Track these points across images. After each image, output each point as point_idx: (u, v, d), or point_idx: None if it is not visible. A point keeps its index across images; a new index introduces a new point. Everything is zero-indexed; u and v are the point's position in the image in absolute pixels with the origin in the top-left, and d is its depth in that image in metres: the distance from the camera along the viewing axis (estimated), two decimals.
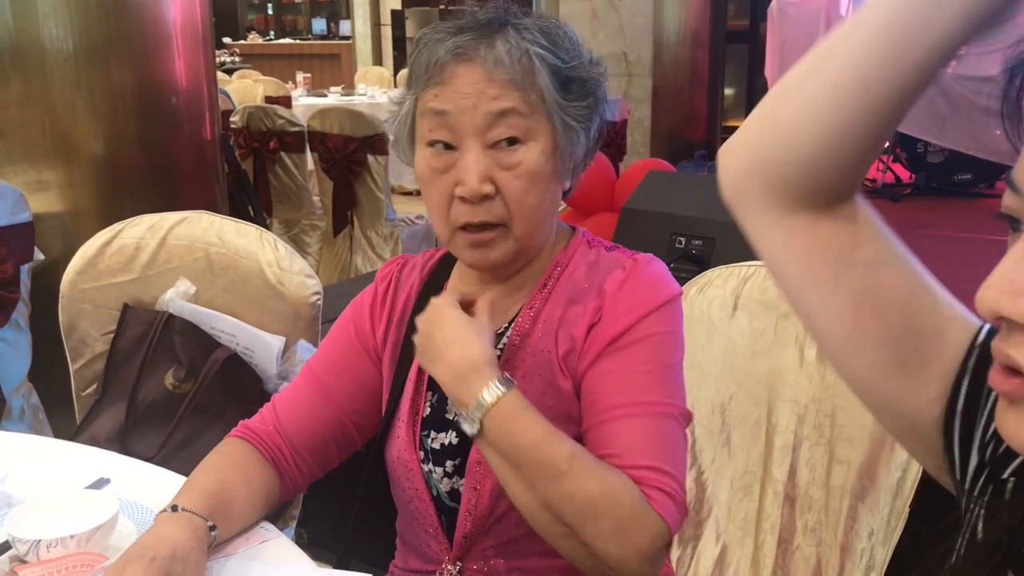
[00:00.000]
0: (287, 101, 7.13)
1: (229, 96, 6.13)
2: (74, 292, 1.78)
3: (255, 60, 11.22)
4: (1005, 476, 0.67)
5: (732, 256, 1.46)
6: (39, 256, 2.54)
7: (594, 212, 3.73)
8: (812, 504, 1.40)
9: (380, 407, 1.23)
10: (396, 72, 10.18)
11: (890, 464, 1.31)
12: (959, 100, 5.64)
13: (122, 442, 1.68)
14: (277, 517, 1.55)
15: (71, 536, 1.03)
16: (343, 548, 1.28)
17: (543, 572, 1.13)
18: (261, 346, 1.69)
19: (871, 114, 0.65)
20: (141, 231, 1.80)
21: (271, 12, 14.23)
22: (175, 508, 1.04)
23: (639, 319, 1.08)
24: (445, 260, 1.24)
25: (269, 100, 6.81)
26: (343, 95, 7.78)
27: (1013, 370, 0.56)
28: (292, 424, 1.20)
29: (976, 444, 0.69)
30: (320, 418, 1.21)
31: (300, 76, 8.72)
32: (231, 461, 1.16)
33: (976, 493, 0.68)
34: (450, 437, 1.16)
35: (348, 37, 12.52)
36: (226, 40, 12.01)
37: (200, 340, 1.71)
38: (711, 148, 6.97)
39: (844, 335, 0.72)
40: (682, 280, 1.16)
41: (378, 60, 11.83)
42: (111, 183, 2.61)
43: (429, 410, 1.19)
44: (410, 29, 11.22)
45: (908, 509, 1.30)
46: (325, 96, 7.76)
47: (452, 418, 1.17)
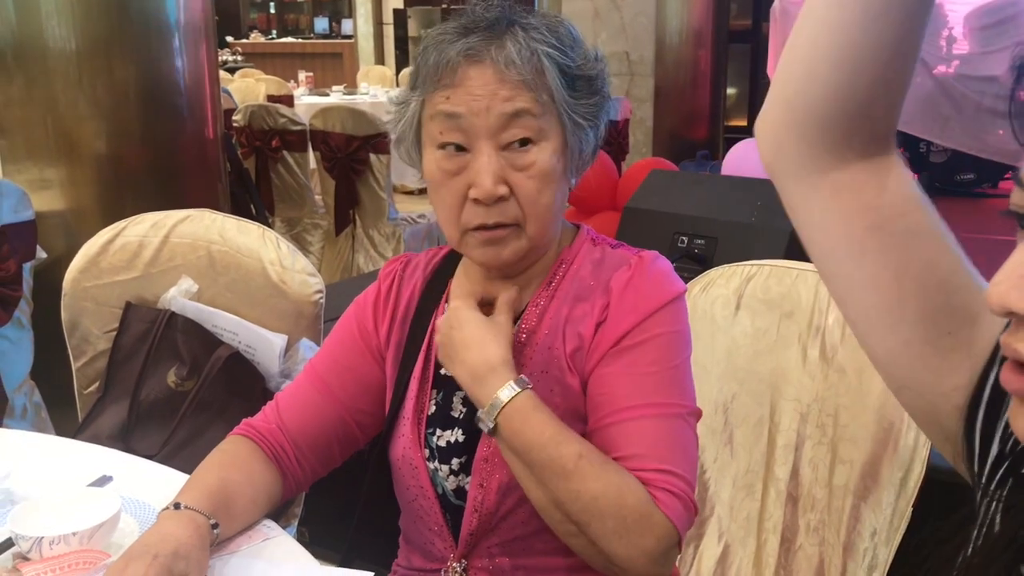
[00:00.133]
0: (289, 100, 7.13)
1: (231, 95, 6.14)
2: (76, 290, 1.78)
3: (257, 59, 11.22)
4: None
5: (734, 255, 1.46)
6: (41, 254, 2.54)
7: (596, 211, 3.73)
8: (815, 503, 1.40)
9: (383, 406, 1.23)
10: (398, 71, 10.18)
11: (893, 464, 1.31)
12: (962, 100, 5.63)
13: (124, 440, 1.68)
14: (279, 515, 1.54)
15: (73, 533, 1.03)
16: (346, 546, 1.28)
17: (548, 571, 1.13)
18: (263, 344, 1.69)
19: (879, 24, 0.67)
20: (143, 229, 1.80)
21: (273, 11, 14.25)
22: (177, 506, 1.04)
23: (646, 317, 1.08)
24: (449, 259, 1.24)
25: (271, 99, 6.80)
26: (345, 94, 7.78)
27: (1023, 365, 0.55)
28: (295, 422, 1.20)
29: (998, 436, 0.68)
30: (323, 417, 1.21)
31: (302, 75, 8.72)
32: (234, 459, 1.16)
33: (994, 486, 0.67)
34: (456, 435, 1.16)
35: (350, 36, 12.53)
36: (228, 39, 12.00)
37: (202, 338, 1.71)
38: (713, 147, 6.97)
39: (884, 307, 0.71)
40: (685, 279, 1.17)
41: (380, 59, 11.83)
42: (113, 181, 2.61)
43: (434, 408, 1.19)
44: (412, 28, 11.22)
45: (911, 509, 1.30)
46: (327, 95, 7.76)
47: (458, 416, 1.17)
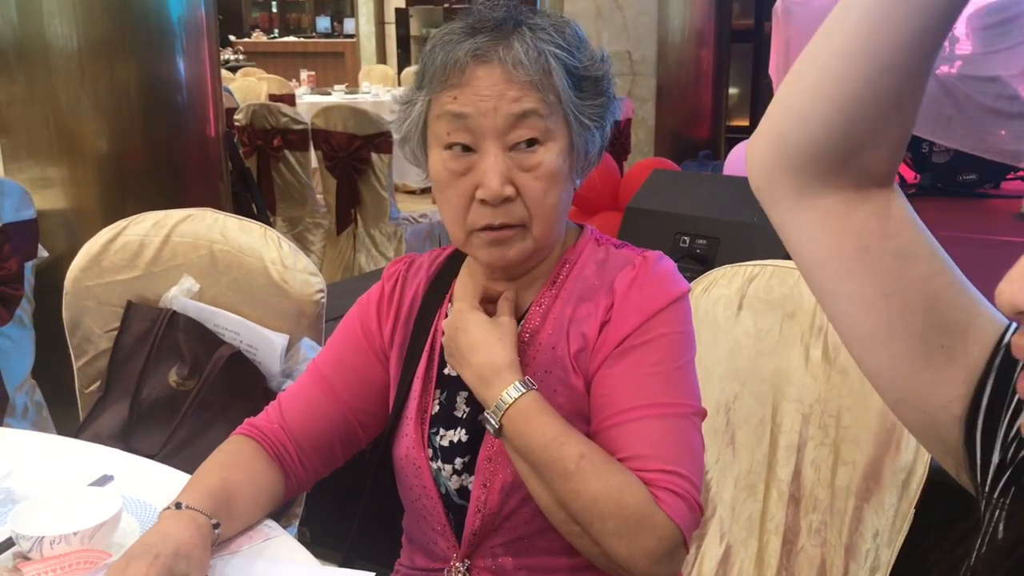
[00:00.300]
0: (291, 99, 7.13)
1: (233, 94, 6.14)
2: (78, 289, 1.78)
3: (259, 58, 11.23)
4: None
5: (737, 256, 1.45)
6: (43, 253, 2.54)
7: (598, 211, 3.73)
8: (817, 504, 1.40)
9: (386, 406, 1.23)
10: (400, 70, 10.16)
11: (895, 465, 1.31)
12: (964, 100, 5.63)
13: (125, 439, 1.68)
14: (280, 515, 1.54)
15: (74, 533, 1.03)
16: (347, 546, 1.28)
17: (552, 571, 1.13)
18: (265, 344, 1.69)
19: (885, 77, 0.66)
20: (145, 228, 1.80)
21: (275, 10, 14.26)
22: (179, 505, 1.04)
23: (650, 317, 1.08)
24: (452, 259, 1.24)
25: (273, 98, 6.80)
26: (347, 93, 7.78)
27: None
28: (298, 422, 1.20)
29: (999, 444, 0.68)
30: (326, 417, 1.21)
31: (304, 74, 8.72)
32: (235, 459, 1.16)
33: (997, 495, 0.67)
34: (459, 434, 1.16)
35: (352, 35, 12.52)
36: (230, 38, 12.01)
37: (204, 337, 1.71)
38: (715, 147, 6.96)
39: (872, 325, 0.71)
40: (687, 279, 1.16)
41: (382, 58, 11.83)
42: (115, 180, 2.61)
43: (438, 408, 1.19)
44: (414, 27, 11.23)
45: (913, 510, 1.29)
46: (329, 94, 7.76)
47: (461, 415, 1.17)
